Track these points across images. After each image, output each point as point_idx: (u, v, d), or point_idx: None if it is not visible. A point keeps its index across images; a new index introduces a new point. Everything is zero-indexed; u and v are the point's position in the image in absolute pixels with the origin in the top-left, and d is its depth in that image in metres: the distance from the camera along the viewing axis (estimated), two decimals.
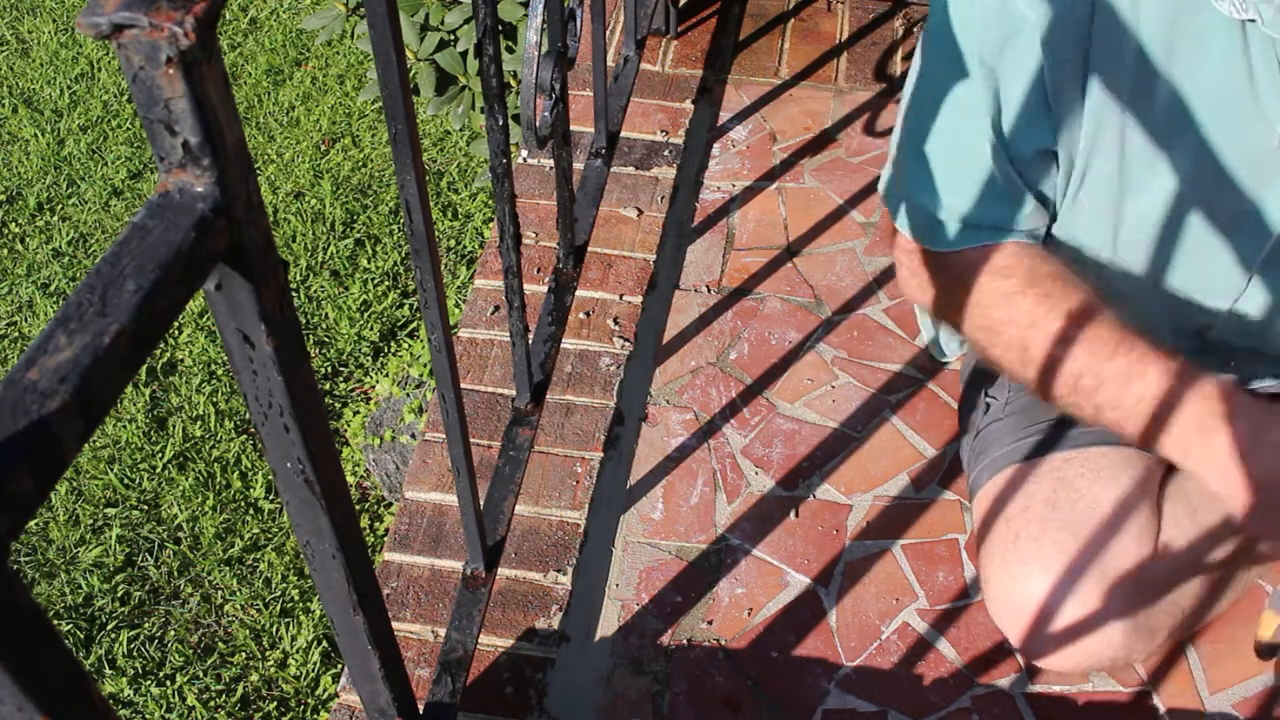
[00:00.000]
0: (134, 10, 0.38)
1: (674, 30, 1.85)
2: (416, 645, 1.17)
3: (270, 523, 2.16)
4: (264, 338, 0.51)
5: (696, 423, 1.37)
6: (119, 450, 2.27)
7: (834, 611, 1.21)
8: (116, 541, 2.11)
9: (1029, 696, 1.14)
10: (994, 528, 1.10)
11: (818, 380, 1.41)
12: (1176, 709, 1.13)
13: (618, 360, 1.41)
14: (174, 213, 0.43)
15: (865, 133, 1.72)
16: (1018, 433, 1.15)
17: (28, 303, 2.58)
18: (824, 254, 1.56)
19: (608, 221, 1.57)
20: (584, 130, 1.64)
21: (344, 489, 0.63)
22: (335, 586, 0.69)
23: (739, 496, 1.30)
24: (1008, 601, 1.07)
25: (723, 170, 1.67)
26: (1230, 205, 0.94)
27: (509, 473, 1.13)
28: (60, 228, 2.75)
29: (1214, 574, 1.09)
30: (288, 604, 2.03)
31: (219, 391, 2.37)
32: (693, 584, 1.23)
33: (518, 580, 1.22)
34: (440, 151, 2.88)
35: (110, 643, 1.97)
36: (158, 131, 0.42)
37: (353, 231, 2.70)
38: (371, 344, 2.46)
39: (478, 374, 1.40)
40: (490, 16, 0.89)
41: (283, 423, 0.56)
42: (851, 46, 1.86)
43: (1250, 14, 0.84)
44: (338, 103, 3.05)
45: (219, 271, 0.48)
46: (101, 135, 2.99)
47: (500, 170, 0.97)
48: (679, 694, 1.15)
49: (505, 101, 0.93)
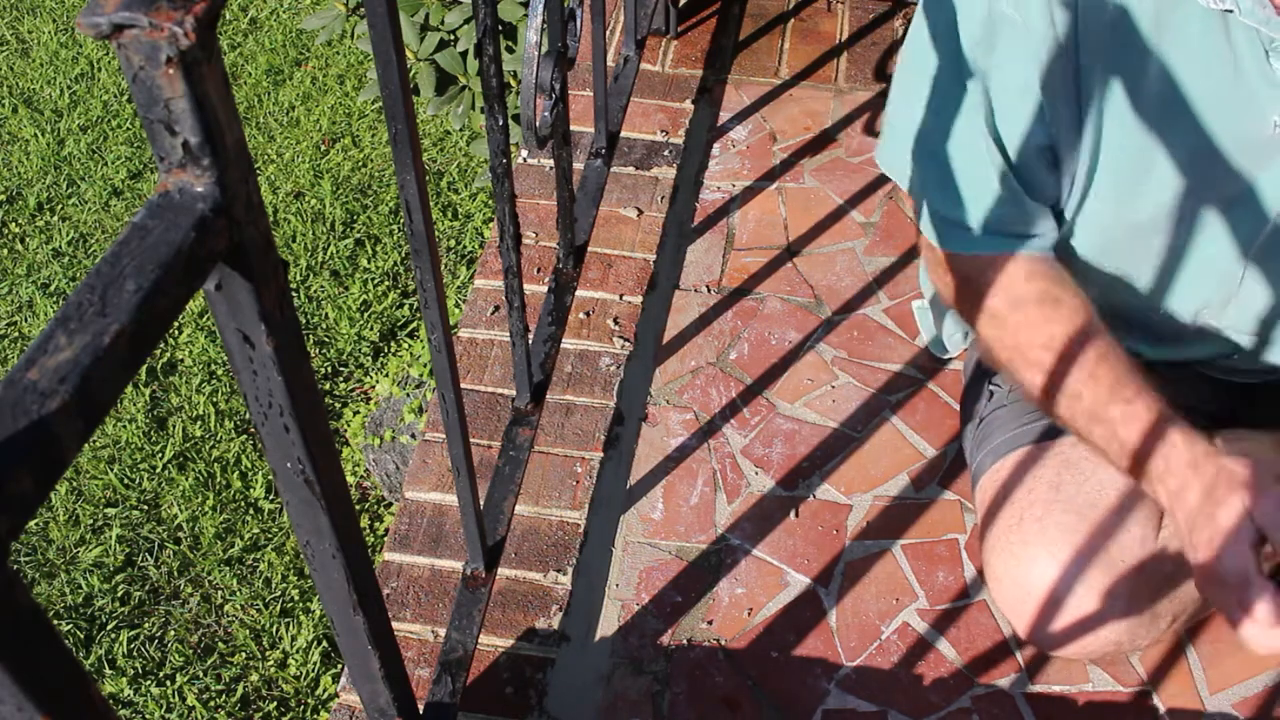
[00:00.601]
0: (134, 10, 0.38)
1: (674, 30, 1.85)
2: (416, 645, 1.17)
3: (270, 523, 2.16)
4: (264, 338, 0.51)
5: (696, 423, 1.37)
6: (119, 450, 2.27)
7: (834, 611, 1.21)
8: (116, 541, 2.11)
9: (1029, 696, 1.14)
10: (998, 512, 1.10)
11: (818, 380, 1.41)
12: (1176, 709, 1.13)
13: (618, 360, 1.41)
14: (174, 213, 0.43)
15: (865, 133, 1.72)
16: (1022, 418, 1.15)
17: (28, 303, 2.58)
18: (824, 254, 1.56)
19: (608, 221, 1.57)
20: (584, 130, 1.64)
21: (344, 489, 0.63)
22: (335, 586, 0.69)
23: (739, 496, 1.30)
24: (1011, 584, 1.07)
25: (723, 170, 1.67)
26: (1225, 194, 0.95)
27: (509, 473, 1.13)
28: (60, 228, 2.75)
29: None
30: (288, 604, 2.03)
31: (219, 391, 2.37)
32: (693, 584, 1.23)
33: (518, 580, 1.22)
34: (440, 151, 2.88)
35: (110, 643, 1.97)
36: (158, 131, 0.42)
37: (353, 231, 2.70)
38: (371, 344, 2.46)
39: (478, 374, 1.40)
40: (490, 16, 0.89)
41: (283, 423, 0.56)
42: (851, 46, 1.87)
43: (1227, 4, 0.84)
44: (338, 103, 3.05)
45: (219, 271, 0.48)
46: (101, 135, 2.99)
47: (500, 170, 0.97)
48: (679, 694, 1.15)
49: (505, 101, 0.93)
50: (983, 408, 1.22)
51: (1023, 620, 1.07)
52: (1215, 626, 1.18)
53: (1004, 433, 1.16)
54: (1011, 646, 1.18)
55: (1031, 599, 1.05)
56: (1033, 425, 1.13)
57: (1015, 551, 1.06)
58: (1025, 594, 1.05)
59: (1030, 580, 1.05)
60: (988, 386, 1.23)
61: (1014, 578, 1.06)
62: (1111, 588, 1.03)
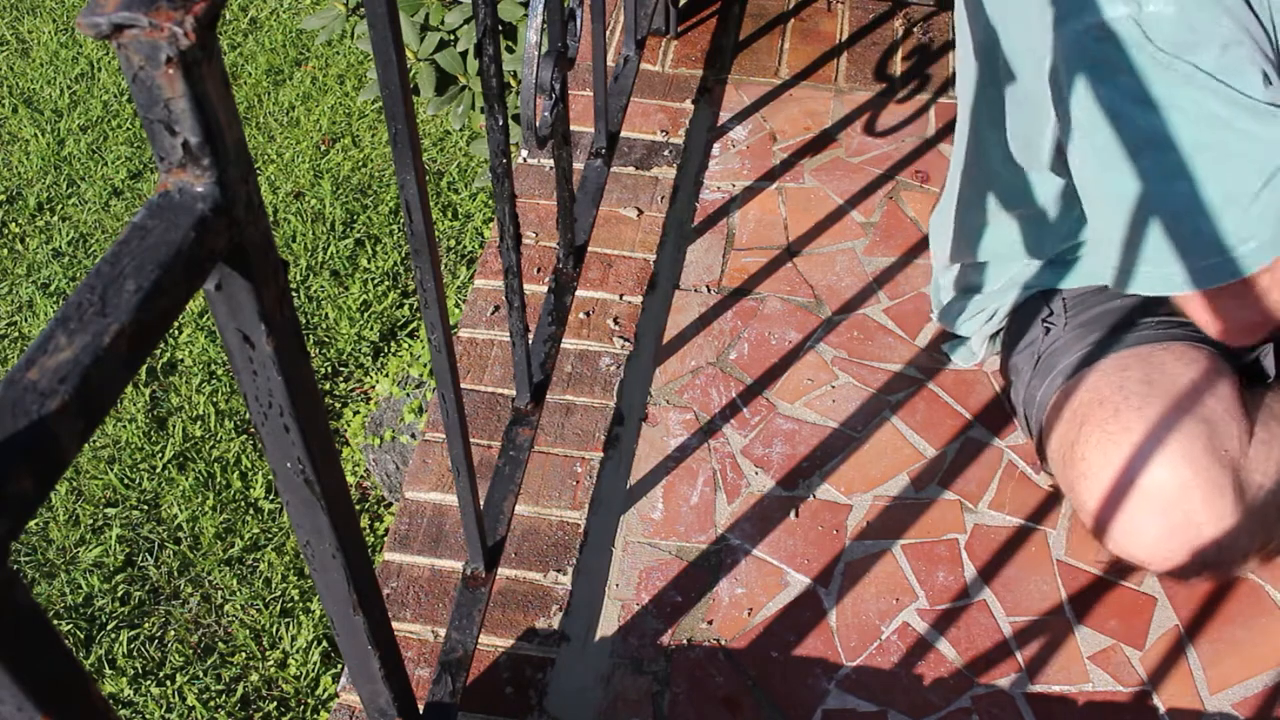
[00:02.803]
0: (134, 10, 0.38)
1: (674, 30, 1.85)
2: (416, 645, 1.17)
3: (270, 523, 2.16)
4: (264, 338, 0.51)
5: (696, 423, 1.37)
6: (119, 450, 2.27)
7: (834, 611, 1.21)
8: (116, 541, 2.11)
9: (1029, 696, 1.14)
10: (1088, 415, 1.09)
11: (818, 380, 1.41)
12: (1176, 709, 1.13)
13: (618, 360, 1.41)
14: (174, 213, 0.43)
15: (865, 133, 1.72)
16: (1087, 339, 1.15)
17: (28, 303, 2.58)
18: (824, 254, 1.56)
19: (608, 221, 1.57)
20: (584, 130, 1.64)
21: (344, 489, 0.63)
22: (335, 586, 0.69)
23: (739, 496, 1.30)
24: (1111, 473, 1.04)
25: (723, 170, 1.67)
26: None
27: (509, 473, 1.13)
28: (60, 228, 2.75)
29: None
30: (288, 604, 2.03)
31: (219, 391, 2.37)
32: (693, 584, 1.23)
33: (518, 580, 1.22)
34: (440, 151, 2.88)
35: (110, 643, 1.97)
36: (158, 131, 0.42)
37: (353, 231, 2.70)
38: (371, 344, 2.46)
39: (478, 374, 1.40)
40: (490, 16, 0.89)
41: (283, 423, 0.56)
42: (851, 46, 1.86)
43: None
44: (338, 103, 3.05)
45: (219, 271, 0.48)
46: (101, 135, 2.99)
47: (500, 170, 0.97)
48: (679, 694, 1.15)
49: (505, 101, 0.93)
50: (1040, 344, 1.21)
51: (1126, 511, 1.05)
52: (1215, 626, 1.18)
53: (1068, 355, 1.15)
54: (1012, 646, 1.18)
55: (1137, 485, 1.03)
56: (1100, 342, 1.13)
57: (1117, 439, 1.05)
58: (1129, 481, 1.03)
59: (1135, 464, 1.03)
60: (1041, 324, 1.23)
61: (1115, 465, 1.04)
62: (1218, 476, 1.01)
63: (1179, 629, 1.18)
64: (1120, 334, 1.14)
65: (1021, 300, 1.29)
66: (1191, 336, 1.11)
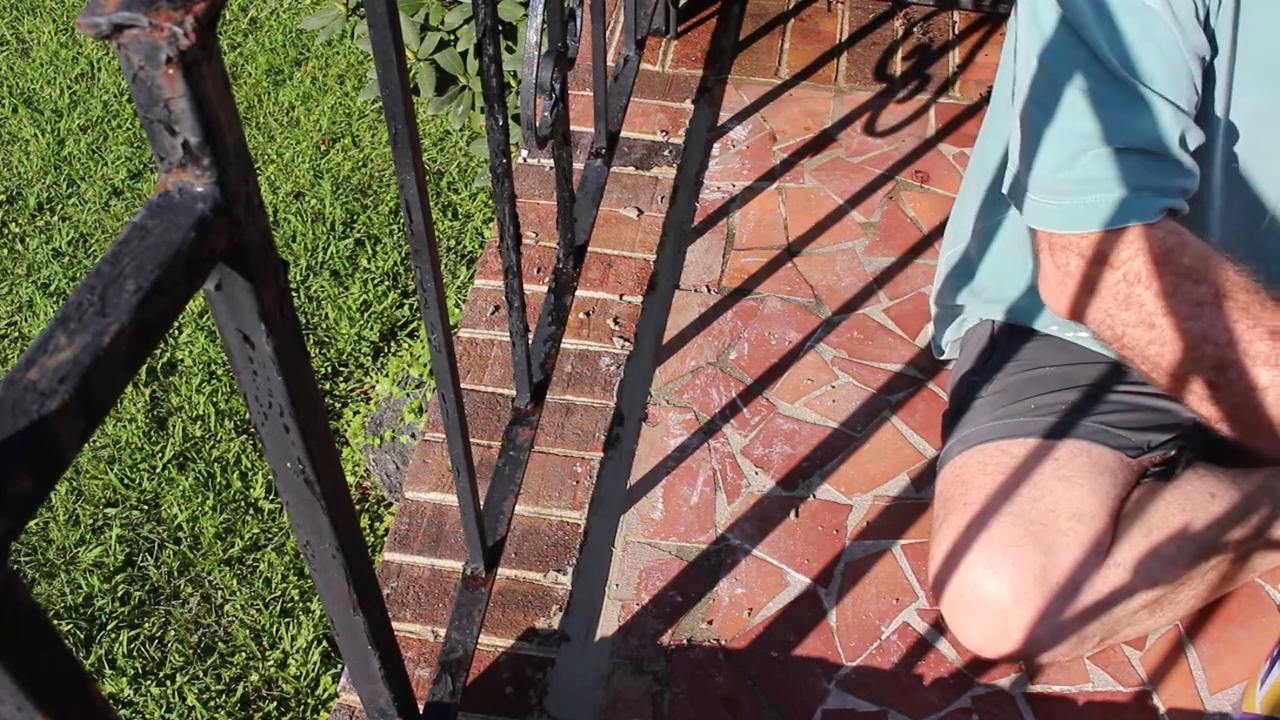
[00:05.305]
0: (134, 10, 0.38)
1: (674, 30, 1.85)
2: (416, 645, 1.17)
3: (270, 523, 2.16)
4: (264, 338, 0.51)
5: (696, 423, 1.37)
6: (119, 450, 2.27)
7: (834, 611, 1.21)
8: (116, 541, 2.11)
9: (1029, 696, 1.14)
10: (951, 508, 1.13)
11: (818, 380, 1.41)
12: (1176, 709, 1.13)
13: (618, 360, 1.41)
14: (174, 213, 0.43)
15: (865, 133, 1.72)
16: (996, 411, 1.16)
17: (28, 303, 2.58)
18: (824, 254, 1.56)
19: (608, 221, 1.57)
20: (584, 130, 1.64)
21: (344, 489, 0.63)
22: (335, 586, 0.69)
23: (739, 496, 1.30)
24: (951, 586, 1.10)
25: (723, 170, 1.67)
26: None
27: (509, 473, 1.13)
28: (60, 228, 2.75)
29: (1157, 592, 1.09)
30: (288, 604, 2.03)
31: (219, 391, 2.37)
32: (693, 584, 1.23)
33: (518, 580, 1.22)
34: (440, 151, 2.88)
35: (110, 643, 1.97)
36: (158, 131, 0.42)
37: (353, 231, 2.70)
38: (371, 344, 2.46)
39: (478, 374, 1.40)
40: (490, 16, 0.89)
41: (283, 423, 0.56)
42: (851, 46, 1.86)
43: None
44: (338, 103, 3.05)
45: (219, 271, 0.48)
46: (101, 135, 2.99)
47: (500, 170, 0.97)
48: (679, 694, 1.15)
49: (505, 101, 0.93)
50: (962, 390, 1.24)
51: (955, 620, 1.10)
52: (1215, 626, 1.18)
53: (976, 424, 1.17)
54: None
55: (965, 604, 1.08)
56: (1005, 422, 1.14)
57: (959, 556, 1.08)
58: (960, 598, 1.08)
59: (967, 587, 1.07)
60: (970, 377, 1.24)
61: (954, 581, 1.09)
62: (1047, 607, 1.05)
63: (1179, 629, 1.18)
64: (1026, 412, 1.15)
65: (983, 323, 1.28)
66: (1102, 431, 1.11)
